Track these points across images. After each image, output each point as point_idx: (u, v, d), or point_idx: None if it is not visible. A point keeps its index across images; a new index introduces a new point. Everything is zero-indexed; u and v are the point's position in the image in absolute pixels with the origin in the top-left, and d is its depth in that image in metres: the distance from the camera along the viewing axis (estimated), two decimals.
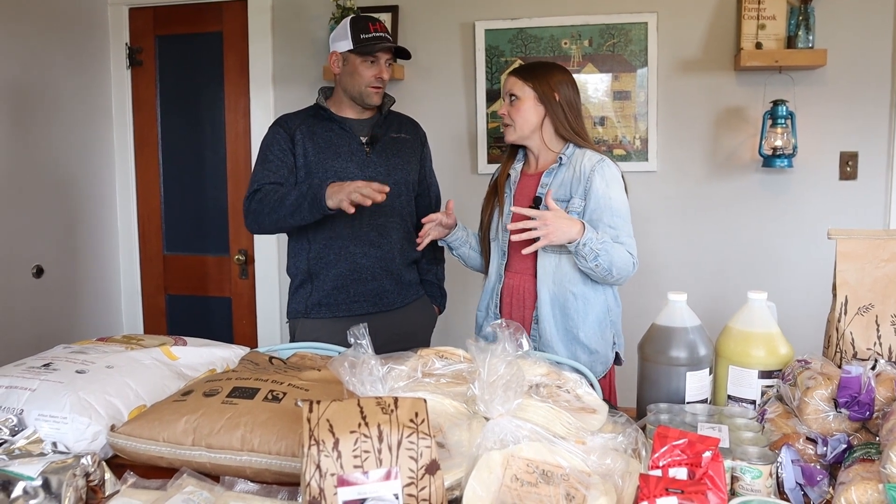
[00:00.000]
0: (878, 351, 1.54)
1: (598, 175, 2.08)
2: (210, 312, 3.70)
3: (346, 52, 2.28)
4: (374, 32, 2.27)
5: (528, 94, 2.14)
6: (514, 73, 2.20)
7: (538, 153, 2.21)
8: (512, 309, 2.21)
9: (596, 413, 1.42)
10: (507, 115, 2.18)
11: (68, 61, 3.34)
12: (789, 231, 3.06)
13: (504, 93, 2.21)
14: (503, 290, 2.22)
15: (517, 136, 2.18)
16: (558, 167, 2.15)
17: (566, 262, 2.11)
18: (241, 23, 3.48)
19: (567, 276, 2.11)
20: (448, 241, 2.30)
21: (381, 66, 2.30)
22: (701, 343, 1.58)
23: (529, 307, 2.18)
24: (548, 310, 2.13)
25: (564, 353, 2.13)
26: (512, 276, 2.21)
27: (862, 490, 1.14)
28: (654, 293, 2.88)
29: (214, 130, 3.58)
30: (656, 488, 1.06)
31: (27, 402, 1.44)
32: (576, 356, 2.13)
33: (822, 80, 2.97)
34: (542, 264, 2.13)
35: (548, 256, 2.12)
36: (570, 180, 2.11)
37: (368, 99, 2.32)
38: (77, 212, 3.43)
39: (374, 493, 1.08)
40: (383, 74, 2.31)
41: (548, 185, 2.13)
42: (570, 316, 2.13)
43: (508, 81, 2.19)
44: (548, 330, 2.13)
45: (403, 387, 1.38)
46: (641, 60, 3.10)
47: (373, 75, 2.29)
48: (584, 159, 2.11)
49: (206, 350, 1.83)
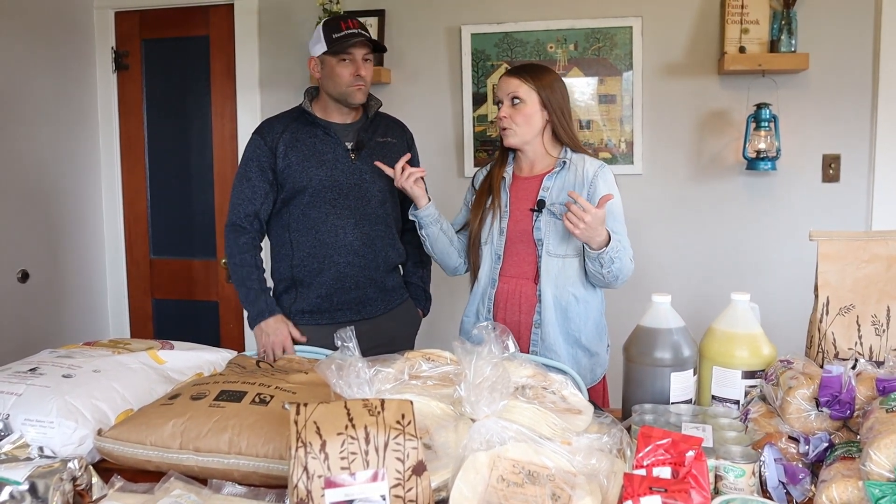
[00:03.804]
0: (858, 350, 1.57)
1: (601, 180, 2.10)
2: (197, 316, 3.69)
3: (322, 54, 2.24)
4: (345, 30, 2.21)
5: (533, 98, 2.11)
6: (515, 75, 2.13)
7: (534, 157, 2.18)
8: (507, 313, 2.17)
9: (581, 414, 1.43)
10: (509, 117, 2.11)
11: (54, 65, 3.32)
12: (772, 233, 3.09)
13: (503, 94, 2.13)
14: (497, 294, 2.18)
15: (519, 140, 2.13)
16: (560, 171, 2.14)
17: (569, 266, 2.11)
18: (227, 27, 3.47)
19: (570, 278, 2.12)
20: (420, 214, 2.20)
21: (358, 63, 2.24)
22: (685, 344, 1.59)
23: (527, 311, 2.14)
24: (551, 313, 2.11)
25: (566, 356, 2.12)
26: (507, 280, 2.17)
27: (843, 487, 1.16)
28: (638, 295, 2.89)
29: (201, 134, 3.57)
30: (640, 487, 1.07)
31: (13, 406, 1.44)
32: (577, 359, 2.14)
33: (804, 84, 3.00)
34: (547, 267, 2.11)
35: (552, 259, 2.11)
36: (573, 185, 2.11)
37: (352, 98, 2.27)
38: (63, 216, 3.42)
39: (361, 494, 1.09)
40: (360, 71, 2.24)
41: (549, 189, 2.12)
42: (572, 319, 2.13)
43: (510, 83, 2.13)
44: (551, 334, 2.11)
45: (390, 389, 1.38)
46: (626, 64, 3.12)
47: (350, 73, 2.23)
48: (585, 164, 2.12)
49: (194, 354, 1.83)
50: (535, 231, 2.12)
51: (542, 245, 2.11)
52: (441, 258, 2.29)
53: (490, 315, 2.19)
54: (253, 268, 2.26)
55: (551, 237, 2.11)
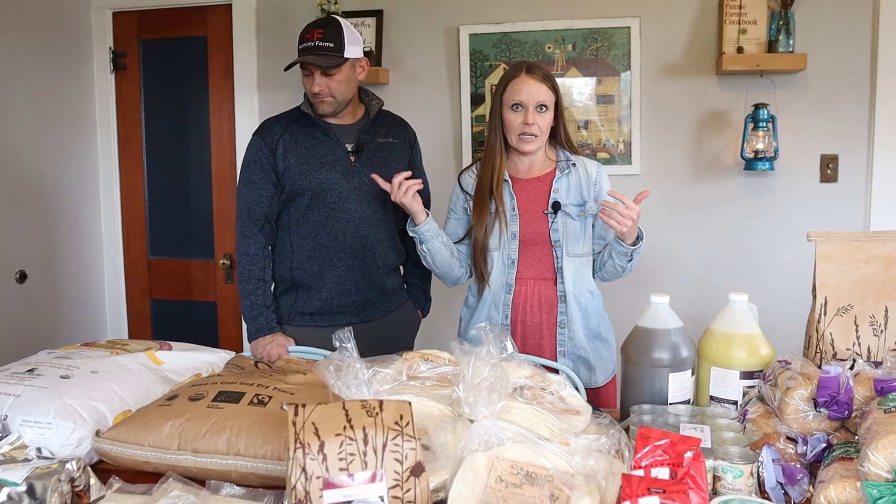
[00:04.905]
0: (856, 351, 1.57)
1: (603, 180, 2.18)
2: (195, 317, 3.68)
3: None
4: (306, 42, 2.14)
5: (553, 105, 2.11)
6: (544, 82, 2.09)
7: (536, 159, 2.18)
8: (527, 316, 2.15)
9: (580, 414, 1.43)
10: (536, 125, 2.08)
11: (51, 65, 3.32)
12: (771, 233, 3.09)
13: (529, 100, 2.06)
14: (514, 298, 2.15)
15: (539, 146, 2.14)
16: (569, 172, 2.16)
17: (585, 264, 2.17)
18: (225, 27, 3.47)
19: (585, 276, 2.18)
20: (420, 230, 2.12)
21: (314, 79, 2.16)
22: (683, 344, 1.59)
23: (548, 311, 2.15)
24: (576, 312, 2.15)
25: (591, 351, 2.16)
26: (525, 283, 2.15)
27: (841, 488, 1.16)
28: (636, 295, 2.89)
29: (199, 135, 3.57)
30: (638, 488, 1.07)
31: (11, 407, 1.44)
32: (599, 352, 2.18)
33: (802, 84, 3.00)
34: (568, 267, 2.13)
35: (571, 259, 2.14)
36: (580, 185, 2.15)
37: (318, 109, 2.22)
38: (61, 216, 3.41)
39: (359, 495, 1.09)
40: (314, 88, 2.16)
41: (560, 190, 2.14)
42: (591, 314, 2.18)
43: (539, 91, 2.07)
44: (578, 331, 2.15)
45: (388, 390, 1.38)
46: (624, 64, 3.12)
47: (310, 86, 2.18)
48: (587, 165, 2.18)
49: (192, 354, 1.83)
50: (552, 233, 2.13)
51: (559, 246, 2.14)
52: (443, 271, 2.21)
53: (507, 320, 2.16)
54: (259, 282, 2.25)
55: (569, 238, 2.14)
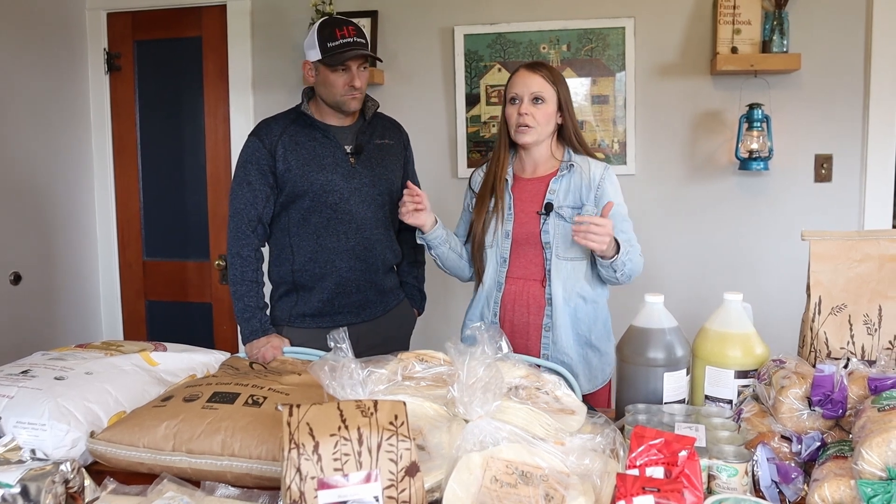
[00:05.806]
0: (851, 350, 1.57)
1: (608, 183, 2.12)
2: (190, 318, 3.68)
3: (316, 62, 2.19)
4: (340, 39, 2.14)
5: (553, 99, 2.10)
6: (538, 73, 2.10)
7: (539, 158, 2.17)
8: (514, 315, 2.16)
9: (575, 414, 1.43)
10: (531, 115, 2.08)
11: (46, 66, 3.31)
12: (765, 233, 3.09)
13: (523, 91, 2.09)
14: (504, 297, 2.17)
15: (535, 139, 2.11)
16: (568, 173, 2.13)
17: (577, 268, 2.12)
18: (220, 27, 3.47)
19: (578, 280, 2.13)
20: (427, 238, 2.17)
21: (353, 74, 2.16)
22: (678, 344, 1.59)
23: (535, 313, 2.14)
24: (562, 316, 2.11)
25: (577, 357, 2.13)
26: (514, 282, 2.16)
27: (835, 486, 1.17)
28: (631, 295, 2.90)
29: (194, 135, 3.56)
30: (633, 487, 1.07)
31: (5, 409, 1.44)
32: (587, 359, 2.14)
33: (796, 84, 3.01)
34: (557, 269, 2.11)
35: (561, 262, 2.11)
36: (580, 187, 2.12)
37: (346, 106, 2.22)
38: (55, 218, 3.40)
39: (354, 495, 1.09)
40: (355, 82, 2.17)
41: (556, 192, 2.12)
42: (582, 319, 2.13)
43: (533, 81, 2.09)
44: (563, 336, 2.11)
45: (383, 390, 1.38)
46: (619, 65, 3.13)
47: (344, 83, 2.17)
48: (591, 166, 2.13)
49: (186, 355, 1.83)
50: (542, 234, 2.12)
51: (549, 248, 2.11)
52: (454, 272, 2.30)
53: (496, 318, 2.17)
54: (252, 283, 2.24)
55: (559, 240, 2.11)
